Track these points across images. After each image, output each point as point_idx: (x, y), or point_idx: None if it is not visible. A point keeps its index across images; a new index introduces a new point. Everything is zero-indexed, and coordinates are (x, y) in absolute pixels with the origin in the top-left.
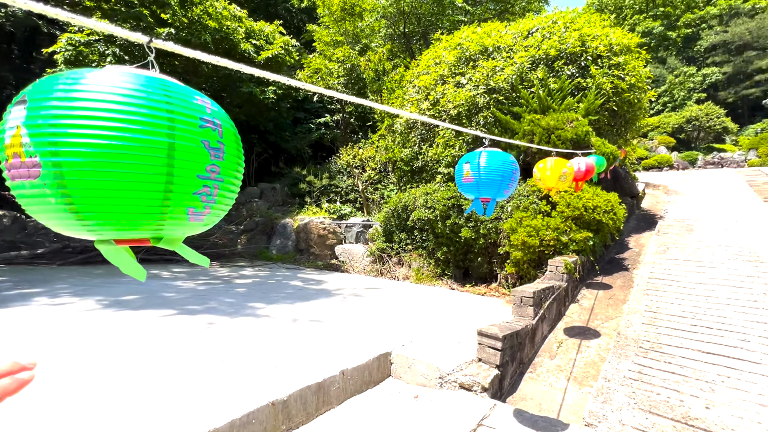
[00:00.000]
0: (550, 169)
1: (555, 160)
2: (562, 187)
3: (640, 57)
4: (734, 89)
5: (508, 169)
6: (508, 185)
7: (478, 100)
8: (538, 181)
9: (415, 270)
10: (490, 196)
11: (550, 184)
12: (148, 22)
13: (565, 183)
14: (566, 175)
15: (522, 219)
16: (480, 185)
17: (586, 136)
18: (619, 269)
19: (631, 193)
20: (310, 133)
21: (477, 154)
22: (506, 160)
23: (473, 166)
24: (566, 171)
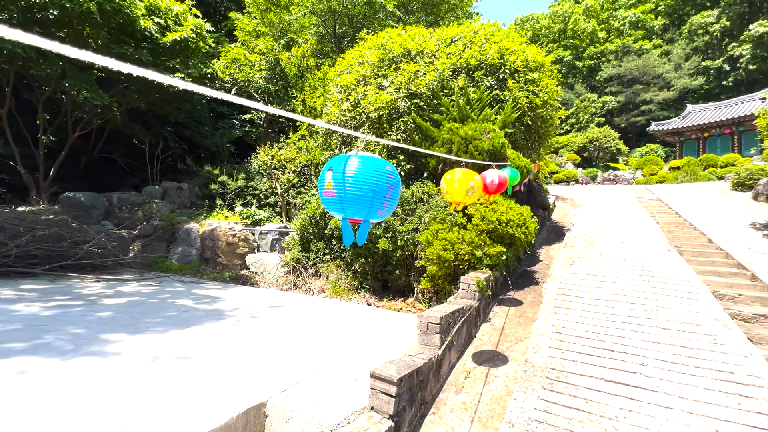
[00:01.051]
0: (458, 181)
1: (463, 171)
2: (470, 201)
3: (553, 75)
4: (626, 116)
5: (382, 183)
6: (382, 204)
7: (398, 105)
8: (446, 194)
9: (332, 282)
10: (358, 217)
11: (458, 198)
12: None
13: (473, 197)
14: (474, 189)
15: (438, 231)
16: (344, 202)
17: (502, 148)
18: (530, 283)
19: (544, 206)
20: (233, 129)
21: (343, 160)
22: (381, 169)
23: (336, 176)
24: (474, 184)
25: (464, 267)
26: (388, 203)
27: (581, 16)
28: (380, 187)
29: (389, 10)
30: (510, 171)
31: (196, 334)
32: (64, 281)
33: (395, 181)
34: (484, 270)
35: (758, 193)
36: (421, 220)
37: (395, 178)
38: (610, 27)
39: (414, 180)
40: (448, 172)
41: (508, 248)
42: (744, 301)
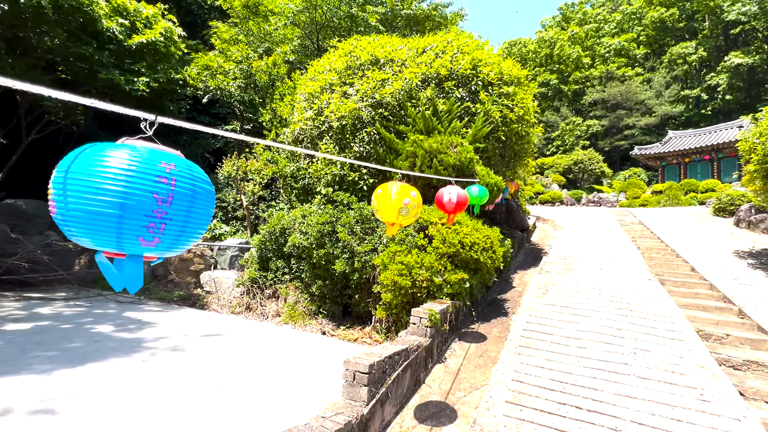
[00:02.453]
0: (390, 197)
1: (400, 185)
2: (406, 221)
3: (530, 90)
4: (609, 140)
5: (144, 190)
6: (144, 226)
7: (362, 114)
8: (376, 212)
9: (289, 306)
10: (99, 246)
11: (389, 218)
12: None
13: (409, 217)
14: (409, 207)
15: (396, 254)
16: (69, 221)
17: (470, 164)
18: (498, 314)
19: (522, 227)
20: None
21: (71, 157)
22: (143, 169)
23: (57, 181)
24: (408, 201)
25: (422, 295)
26: (158, 225)
27: (567, 42)
28: (138, 197)
29: (372, 24)
30: (478, 189)
31: (89, 374)
32: None
33: (182, 189)
34: (444, 299)
35: (740, 219)
36: (381, 240)
37: (181, 184)
38: (594, 53)
39: None
40: (380, 186)
41: (472, 275)
42: (732, 342)
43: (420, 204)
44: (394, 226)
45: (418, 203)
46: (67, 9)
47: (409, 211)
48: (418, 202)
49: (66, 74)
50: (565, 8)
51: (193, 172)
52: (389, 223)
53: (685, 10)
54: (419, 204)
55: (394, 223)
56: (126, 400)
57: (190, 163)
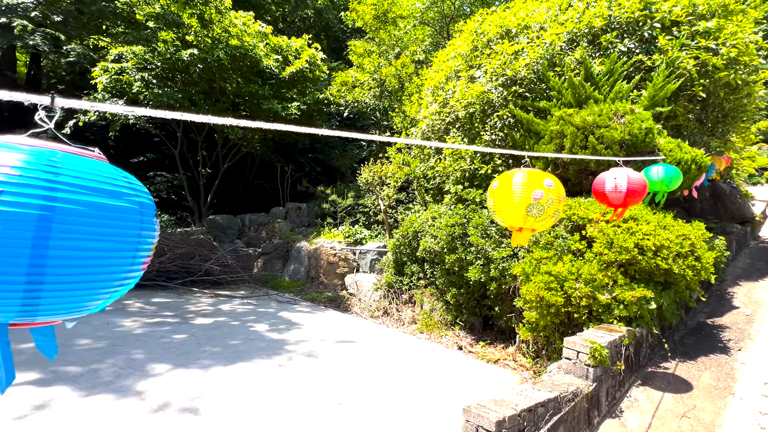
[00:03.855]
0: (514, 191)
1: (526, 172)
2: (539, 226)
3: (746, 20)
4: None
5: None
6: None
7: (491, 96)
8: (494, 214)
9: (425, 313)
10: None
11: (513, 221)
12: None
13: (544, 219)
14: (542, 203)
15: (541, 261)
16: None
17: (647, 136)
18: (709, 348)
19: (742, 218)
20: (361, 150)
21: None
22: None
23: None
24: (541, 194)
25: (582, 315)
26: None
27: None
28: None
29: None
30: (664, 169)
31: (235, 373)
32: (189, 295)
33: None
34: (615, 325)
35: None
36: None
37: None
38: None
39: None
40: (498, 177)
41: (660, 291)
42: None
43: (561, 197)
44: (523, 233)
45: (557, 196)
46: (238, 56)
47: (543, 210)
48: (557, 194)
49: (245, 111)
50: None
51: (60, 174)
52: (514, 228)
53: None
54: (560, 197)
55: (522, 228)
56: (254, 408)
57: (61, 161)
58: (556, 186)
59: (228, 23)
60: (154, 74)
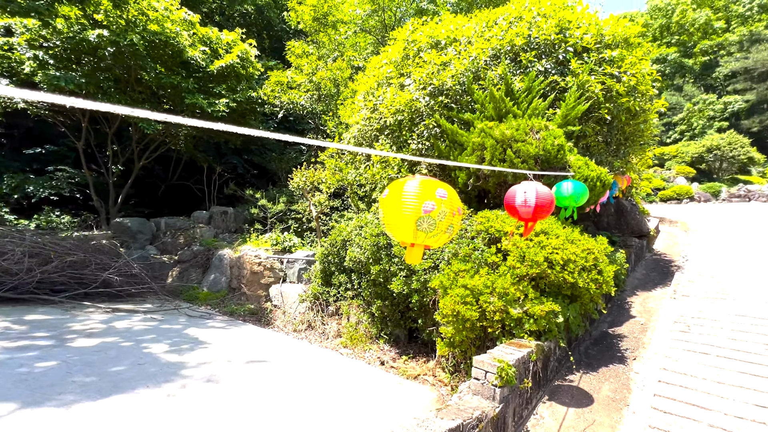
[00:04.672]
0: (401, 201)
1: (419, 181)
2: (432, 242)
3: (643, 51)
4: (758, 118)
5: None
6: None
7: (419, 105)
8: (384, 227)
9: (350, 326)
10: None
11: (403, 236)
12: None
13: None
14: (433, 217)
15: (458, 273)
16: None
17: (559, 153)
18: (609, 358)
19: (640, 232)
20: (300, 154)
21: None
22: None
23: None
24: (432, 207)
25: (495, 330)
26: None
27: (690, 6)
28: None
29: None
30: (573, 185)
31: (106, 410)
32: (79, 311)
33: None
34: (525, 339)
35: None
36: (443, 256)
37: None
38: (729, 14)
39: None
40: (390, 185)
41: (568, 304)
42: None
43: (456, 210)
44: (415, 250)
45: (451, 208)
46: (158, 43)
47: (434, 224)
48: (451, 206)
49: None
50: None
51: None
52: (406, 244)
53: None
54: (454, 210)
55: (413, 243)
56: None
57: None
58: (450, 197)
59: (146, 5)
60: (52, 54)
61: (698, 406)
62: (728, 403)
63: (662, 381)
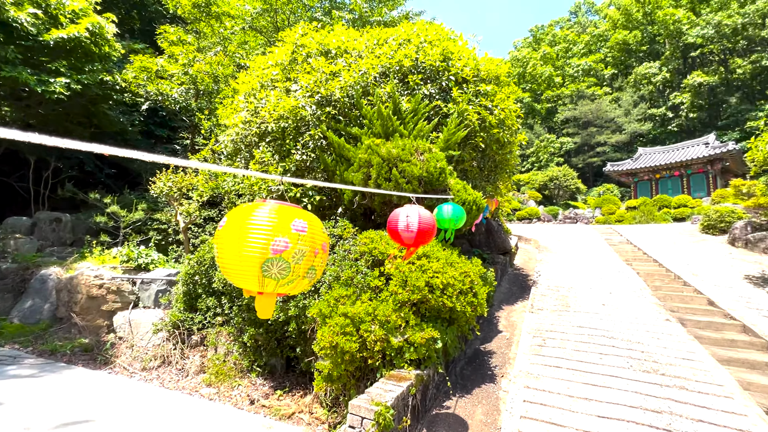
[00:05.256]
0: (249, 237)
1: (271, 208)
2: (287, 289)
3: (511, 90)
4: (582, 157)
5: None
6: None
7: (304, 113)
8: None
9: (217, 358)
10: None
11: (243, 282)
12: None
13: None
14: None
15: (339, 300)
16: None
17: (441, 175)
18: (482, 378)
19: (504, 249)
20: (174, 154)
21: None
22: None
23: None
24: (286, 245)
25: (376, 362)
26: None
27: (538, 62)
28: None
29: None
30: (452, 208)
31: None
32: None
33: None
34: (405, 370)
35: (735, 237)
36: (324, 279)
37: None
38: (564, 73)
39: (329, 216)
40: (231, 212)
41: (446, 327)
42: None
43: (321, 246)
44: (265, 300)
45: (313, 245)
46: None
47: (288, 267)
48: (312, 242)
49: None
50: (536, 30)
51: None
52: (252, 293)
53: (647, 33)
54: (317, 247)
55: (261, 292)
56: None
57: None
58: (312, 230)
59: None
60: None
61: (556, 425)
62: (578, 417)
63: (527, 401)
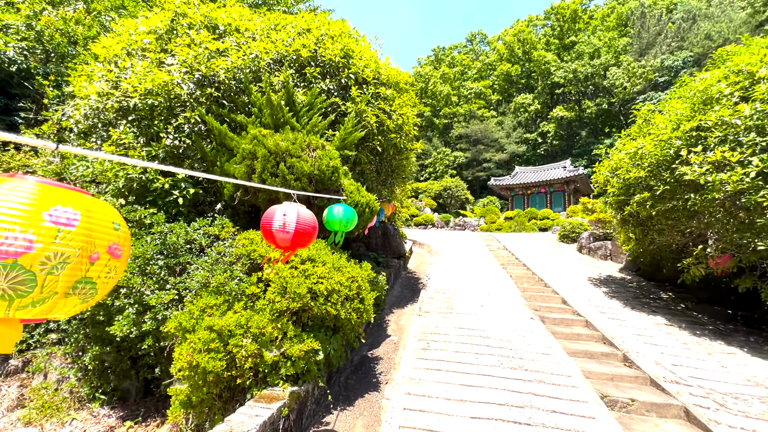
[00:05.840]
0: None
1: (32, 188)
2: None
3: (410, 97)
4: (472, 171)
5: None
6: None
7: (180, 91)
8: None
9: (44, 388)
10: None
11: None
12: None
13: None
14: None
15: (206, 310)
16: None
17: (333, 175)
18: (366, 387)
19: (399, 253)
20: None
21: None
22: None
23: None
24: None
25: (247, 380)
26: None
27: (439, 80)
28: None
29: None
30: (344, 209)
31: None
32: None
33: None
34: (280, 387)
35: (582, 245)
36: (188, 285)
37: None
38: (460, 94)
39: (207, 212)
40: None
41: (331, 336)
42: (638, 410)
43: (107, 248)
44: (8, 328)
45: (87, 246)
46: None
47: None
48: (85, 243)
49: None
50: (438, 50)
51: None
52: None
53: (525, 68)
54: (94, 249)
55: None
56: None
57: None
58: (89, 224)
59: None
60: None
61: (433, 431)
62: (453, 421)
63: (407, 408)
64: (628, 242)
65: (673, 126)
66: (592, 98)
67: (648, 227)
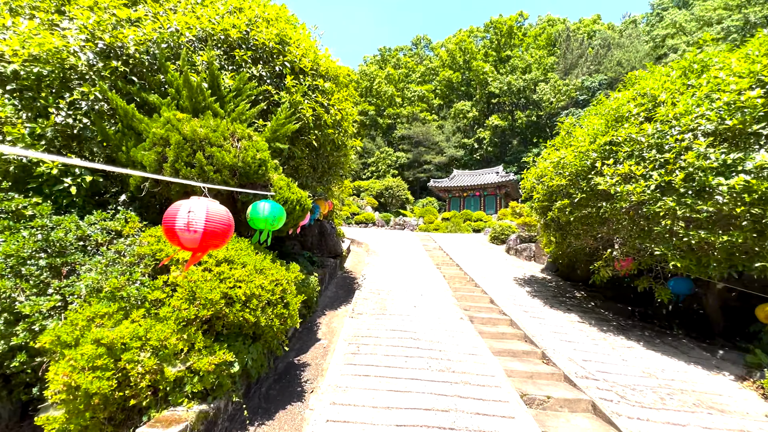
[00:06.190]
0: None
1: None
2: None
3: (349, 93)
4: (413, 171)
5: None
6: None
7: (76, 61)
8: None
9: None
10: None
11: None
12: None
13: None
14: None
15: (95, 320)
16: None
17: (261, 168)
18: (289, 397)
19: (336, 253)
20: None
21: None
22: None
23: None
24: None
25: (144, 400)
26: None
27: (384, 80)
28: None
29: None
30: (270, 206)
31: None
32: None
33: None
34: (184, 406)
35: (509, 247)
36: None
37: None
38: (404, 95)
39: (110, 204)
40: None
41: (250, 345)
42: (553, 407)
43: None
44: None
45: None
46: None
47: None
48: None
49: None
50: (384, 50)
51: None
52: None
53: (465, 76)
54: None
55: None
56: None
57: None
58: None
59: None
60: None
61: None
62: (379, 430)
63: (330, 420)
64: (549, 245)
65: (591, 139)
66: (524, 110)
67: (567, 231)
